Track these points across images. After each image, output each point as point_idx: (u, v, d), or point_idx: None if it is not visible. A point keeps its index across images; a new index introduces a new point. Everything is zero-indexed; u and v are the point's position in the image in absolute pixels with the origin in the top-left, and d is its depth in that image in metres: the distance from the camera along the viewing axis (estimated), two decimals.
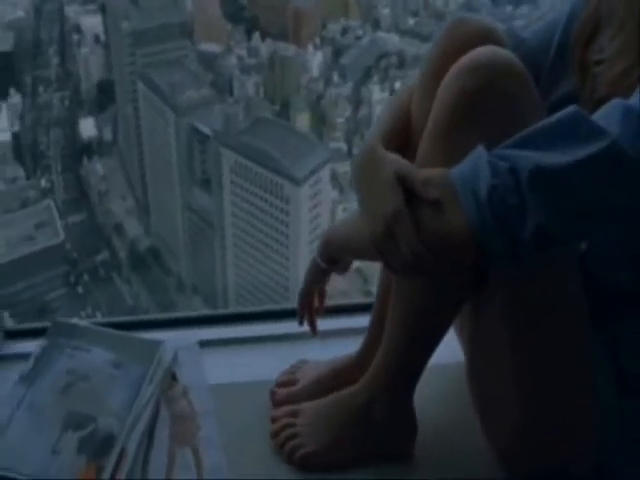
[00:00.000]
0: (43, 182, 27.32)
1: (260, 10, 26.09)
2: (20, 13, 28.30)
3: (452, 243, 0.89)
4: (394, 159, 1.02)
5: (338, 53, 22.06)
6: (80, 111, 27.55)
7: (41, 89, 28.91)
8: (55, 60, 29.47)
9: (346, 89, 20.39)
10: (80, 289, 25.42)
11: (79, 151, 27.26)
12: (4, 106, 27.28)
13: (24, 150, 27.93)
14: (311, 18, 25.21)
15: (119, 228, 26.20)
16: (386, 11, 24.64)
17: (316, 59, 23.04)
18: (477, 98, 0.96)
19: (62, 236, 25.54)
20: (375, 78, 19.78)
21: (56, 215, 25.86)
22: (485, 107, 0.96)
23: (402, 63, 19.77)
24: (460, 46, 1.03)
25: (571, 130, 0.84)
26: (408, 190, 0.97)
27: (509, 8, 20.40)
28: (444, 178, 0.91)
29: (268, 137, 20.45)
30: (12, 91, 27.78)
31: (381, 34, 22.95)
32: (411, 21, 25.84)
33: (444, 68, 1.02)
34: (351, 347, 1.42)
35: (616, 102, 0.85)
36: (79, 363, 1.38)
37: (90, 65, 26.99)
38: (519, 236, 0.84)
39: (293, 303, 1.40)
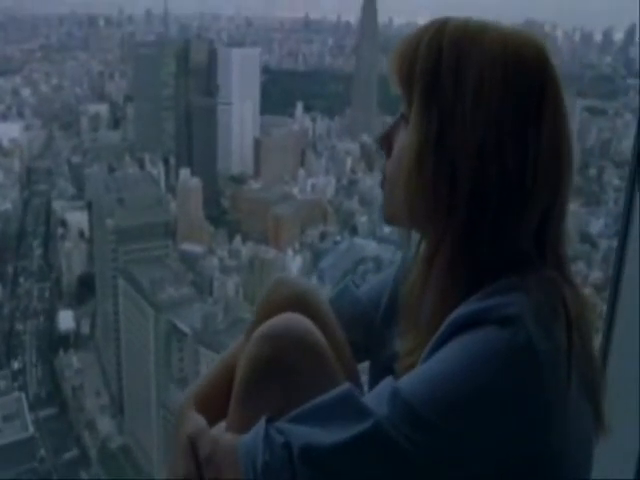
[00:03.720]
0: (16, 373, 26.78)
1: (242, 214, 27.09)
2: (7, 205, 29.13)
3: None
4: (193, 421, 1.01)
5: (317, 257, 22.58)
6: (59, 303, 27.62)
7: (22, 279, 29.12)
8: (38, 252, 29.93)
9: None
10: None
11: (55, 343, 26.98)
12: None
13: None
14: (291, 224, 26.19)
15: (91, 425, 25.38)
16: (363, 219, 25.80)
17: (295, 262, 23.86)
18: (266, 367, 0.96)
19: (31, 430, 24.61)
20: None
21: (26, 408, 25.07)
22: (272, 376, 0.95)
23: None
24: (276, 307, 1.04)
25: (341, 409, 0.84)
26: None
27: None
28: (232, 446, 0.89)
29: None
30: None
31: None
32: (387, 229, 26.90)
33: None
34: None
35: (387, 382, 0.84)
36: None
37: (72, 259, 27.40)
38: None
39: None
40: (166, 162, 27.45)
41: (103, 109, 30.09)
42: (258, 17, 31.99)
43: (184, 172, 26.56)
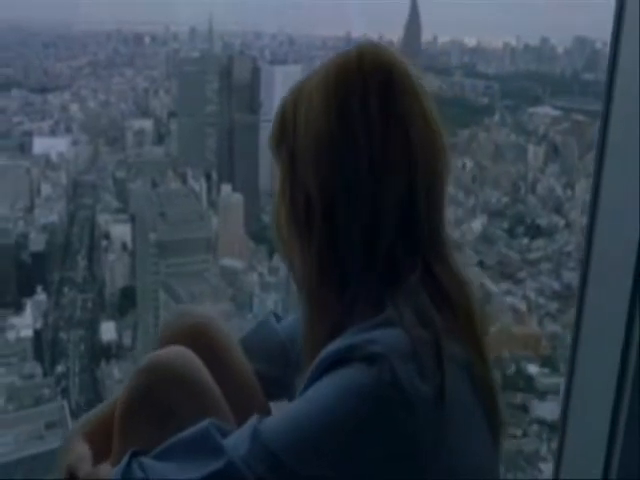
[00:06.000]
0: (59, 381, 27.29)
1: None
2: (54, 217, 29.86)
3: None
4: (76, 453, 1.03)
5: None
6: (102, 314, 28.16)
7: (66, 289, 29.79)
8: (83, 263, 30.60)
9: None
10: None
11: (98, 353, 27.49)
12: (29, 303, 27.96)
13: (44, 347, 28.22)
14: None
15: None
16: None
17: None
18: (140, 400, 0.98)
19: None
20: None
21: (68, 416, 25.51)
22: (146, 409, 0.97)
23: None
24: (172, 338, 1.07)
25: (198, 446, 0.84)
26: None
27: (525, 240, 21.13)
28: (105, 478, 0.93)
29: None
30: (39, 289, 28.61)
31: None
32: None
33: None
34: None
35: (252, 420, 0.84)
36: None
37: (115, 271, 27.94)
38: None
39: None
40: (208, 177, 27.78)
41: (147, 125, 30.61)
42: (300, 35, 32.26)
43: (226, 188, 26.85)
